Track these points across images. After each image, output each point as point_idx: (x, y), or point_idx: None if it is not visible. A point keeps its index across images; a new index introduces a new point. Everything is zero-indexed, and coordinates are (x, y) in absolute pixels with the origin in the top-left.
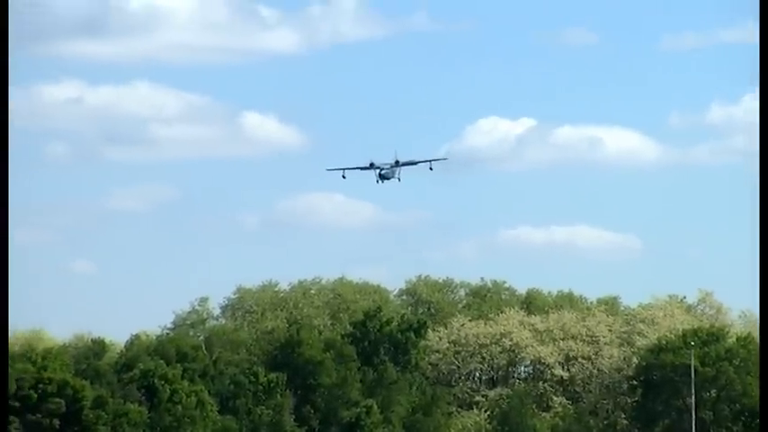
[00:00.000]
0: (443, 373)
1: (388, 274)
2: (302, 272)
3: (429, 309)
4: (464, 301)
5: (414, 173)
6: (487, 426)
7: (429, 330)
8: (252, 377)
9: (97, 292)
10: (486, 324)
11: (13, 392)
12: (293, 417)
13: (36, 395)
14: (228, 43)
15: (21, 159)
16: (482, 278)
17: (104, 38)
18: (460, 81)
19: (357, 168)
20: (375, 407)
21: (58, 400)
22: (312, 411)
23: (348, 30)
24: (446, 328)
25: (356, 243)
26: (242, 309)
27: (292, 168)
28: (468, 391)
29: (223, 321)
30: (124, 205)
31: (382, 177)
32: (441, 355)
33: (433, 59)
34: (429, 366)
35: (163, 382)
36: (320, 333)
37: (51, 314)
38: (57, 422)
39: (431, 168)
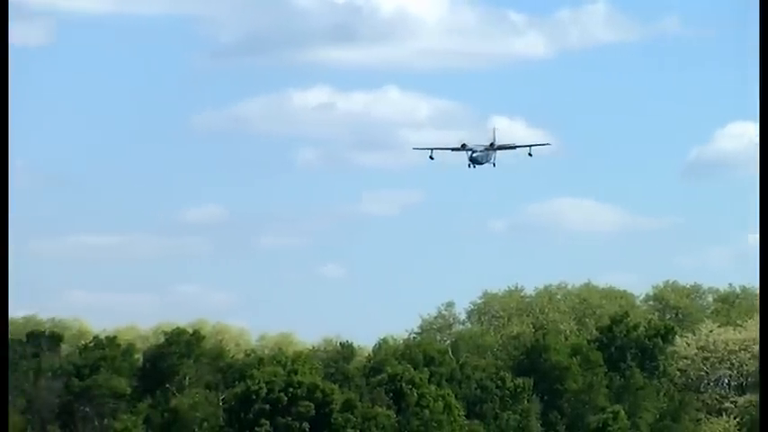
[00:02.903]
0: (692, 379)
1: (636, 279)
2: (548, 277)
3: (677, 314)
4: (712, 307)
5: (649, 176)
6: None
7: (677, 336)
8: (498, 382)
9: (346, 297)
10: (735, 330)
11: (264, 395)
12: (540, 422)
13: (286, 398)
14: (477, 48)
15: (272, 165)
16: (730, 284)
17: (355, 45)
18: (711, 84)
19: (448, 149)
20: (622, 412)
21: (307, 403)
22: (559, 417)
23: (598, 34)
24: (694, 334)
25: (604, 248)
26: (488, 313)
27: (541, 173)
28: (717, 397)
29: (469, 326)
30: (373, 210)
31: (474, 161)
32: (689, 361)
33: (684, 63)
34: (677, 372)
35: (410, 386)
36: (566, 338)
37: (301, 318)
38: (306, 425)
39: (530, 154)
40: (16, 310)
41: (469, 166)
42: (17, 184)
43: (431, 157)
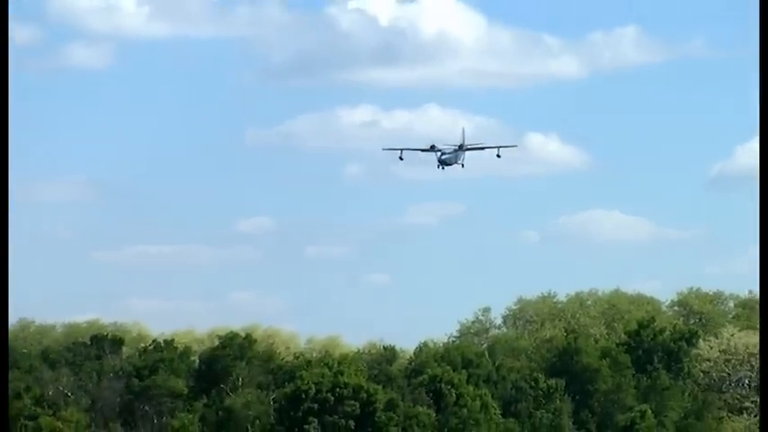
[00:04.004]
0: (714, 380)
1: (662, 286)
2: (580, 284)
3: (700, 319)
4: (734, 313)
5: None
6: (758, 430)
7: (700, 340)
8: (532, 383)
9: (389, 302)
10: (755, 334)
11: (312, 395)
12: (571, 420)
13: (333, 398)
14: (513, 69)
15: (320, 179)
16: (750, 291)
17: (398, 66)
18: (733, 103)
19: (417, 150)
20: (649, 411)
21: (352, 402)
22: (589, 415)
23: (628, 55)
24: (716, 338)
25: (632, 257)
26: (522, 318)
27: (573, 186)
28: (738, 397)
29: (505, 330)
30: (416, 221)
31: (443, 162)
32: (711, 363)
33: (707, 82)
34: (700, 374)
35: (449, 387)
36: (596, 342)
37: (347, 323)
38: (351, 423)
39: (498, 155)
40: (81, 315)
41: (438, 166)
42: (82, 197)
43: (400, 158)
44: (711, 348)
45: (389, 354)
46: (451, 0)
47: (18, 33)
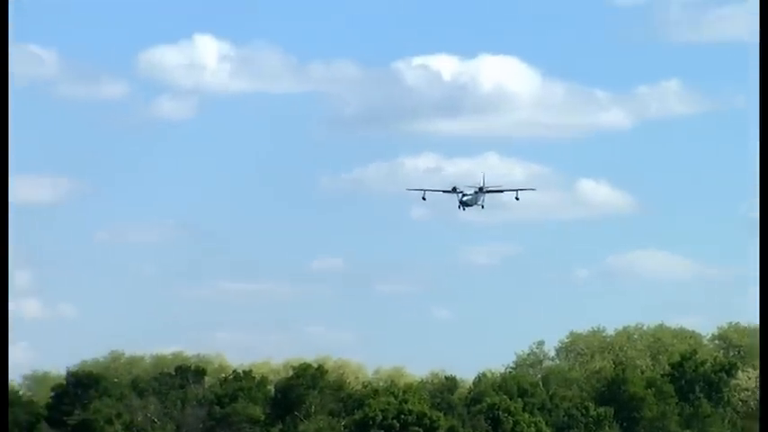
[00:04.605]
0: (752, 408)
1: (703, 321)
2: (627, 319)
3: (739, 352)
4: None
5: None
6: None
7: (739, 371)
8: (583, 411)
9: (450, 335)
10: None
11: (379, 421)
12: None
13: (398, 424)
14: (566, 120)
15: (387, 221)
16: None
17: (459, 117)
18: None
19: (439, 191)
20: None
21: (416, 428)
22: None
23: (672, 106)
24: (754, 369)
25: (675, 294)
26: (574, 351)
27: (622, 228)
28: None
29: (557, 362)
30: (476, 260)
31: (464, 204)
32: (749, 393)
33: (746, 132)
34: (739, 402)
35: (506, 414)
36: (642, 372)
37: (411, 354)
38: None
39: (517, 198)
40: (167, 347)
41: (459, 207)
42: (169, 239)
43: (423, 198)
44: (749, 379)
45: (451, 383)
46: (509, 56)
47: (110, 88)
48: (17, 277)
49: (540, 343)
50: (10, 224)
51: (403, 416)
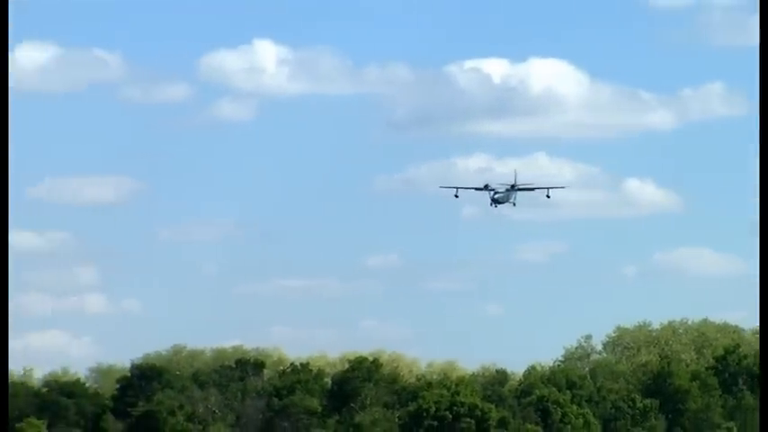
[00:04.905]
0: None
1: (746, 316)
2: (672, 314)
3: None
4: None
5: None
6: None
7: None
8: (630, 403)
9: (501, 330)
10: None
11: (432, 413)
12: None
13: (451, 416)
14: (613, 121)
15: (439, 219)
16: None
17: (510, 118)
18: None
19: (471, 188)
20: (735, 429)
21: (468, 420)
22: None
23: (715, 108)
24: None
25: (719, 290)
26: (620, 345)
27: (667, 226)
28: None
29: (605, 355)
30: (526, 257)
31: (495, 201)
32: None
33: None
34: None
35: (555, 406)
36: (687, 366)
37: (463, 348)
38: None
39: (548, 196)
40: (227, 341)
41: (491, 204)
42: (230, 237)
43: (456, 196)
44: None
45: (501, 376)
46: (557, 59)
47: (173, 91)
48: (83, 274)
49: (588, 337)
50: (74, 223)
51: (455, 408)
